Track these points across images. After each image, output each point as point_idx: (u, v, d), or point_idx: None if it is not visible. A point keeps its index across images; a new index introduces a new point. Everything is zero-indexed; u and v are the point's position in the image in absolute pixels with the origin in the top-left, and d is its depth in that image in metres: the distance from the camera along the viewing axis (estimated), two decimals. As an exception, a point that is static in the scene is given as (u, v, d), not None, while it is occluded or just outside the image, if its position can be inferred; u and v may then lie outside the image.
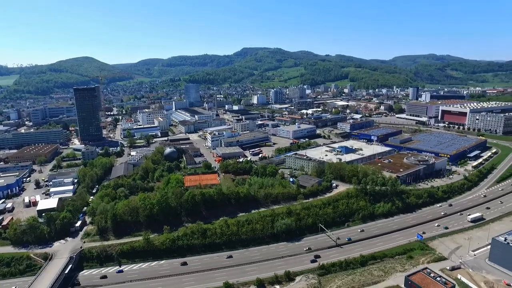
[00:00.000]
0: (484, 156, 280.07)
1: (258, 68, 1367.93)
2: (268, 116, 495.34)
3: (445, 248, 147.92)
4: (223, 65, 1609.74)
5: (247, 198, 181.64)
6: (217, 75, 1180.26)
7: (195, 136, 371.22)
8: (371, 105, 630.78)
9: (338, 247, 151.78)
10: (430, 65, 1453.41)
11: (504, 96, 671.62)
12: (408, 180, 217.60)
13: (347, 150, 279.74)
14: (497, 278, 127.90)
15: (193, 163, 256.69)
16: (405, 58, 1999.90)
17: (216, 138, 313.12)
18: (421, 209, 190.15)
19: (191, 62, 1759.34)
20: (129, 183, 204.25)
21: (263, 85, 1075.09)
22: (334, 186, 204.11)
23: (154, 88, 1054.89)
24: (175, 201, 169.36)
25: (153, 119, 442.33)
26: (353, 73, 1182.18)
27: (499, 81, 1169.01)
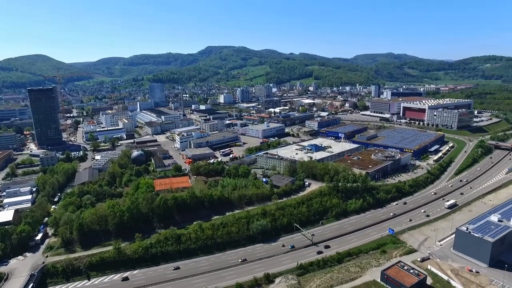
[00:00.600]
0: (443, 150, 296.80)
1: (223, 66, 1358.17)
2: (236, 115, 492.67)
3: (414, 241, 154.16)
4: (187, 63, 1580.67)
5: (221, 200, 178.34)
6: (181, 74, 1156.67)
7: (163, 137, 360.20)
8: (337, 102, 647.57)
9: (314, 245, 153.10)
10: (389, 64, 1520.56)
11: (456, 93, 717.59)
12: (377, 176, 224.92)
13: (317, 148, 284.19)
14: (461, 265, 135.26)
15: (163, 166, 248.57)
16: (365, 56, 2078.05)
17: (185, 139, 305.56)
18: (390, 203, 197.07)
19: (154, 61, 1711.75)
20: (95, 189, 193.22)
21: (229, 84, 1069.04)
22: (307, 185, 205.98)
23: (116, 88, 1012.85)
24: (146, 207, 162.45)
25: (117, 121, 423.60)
26: (317, 71, 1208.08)
27: (450, 79, 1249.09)
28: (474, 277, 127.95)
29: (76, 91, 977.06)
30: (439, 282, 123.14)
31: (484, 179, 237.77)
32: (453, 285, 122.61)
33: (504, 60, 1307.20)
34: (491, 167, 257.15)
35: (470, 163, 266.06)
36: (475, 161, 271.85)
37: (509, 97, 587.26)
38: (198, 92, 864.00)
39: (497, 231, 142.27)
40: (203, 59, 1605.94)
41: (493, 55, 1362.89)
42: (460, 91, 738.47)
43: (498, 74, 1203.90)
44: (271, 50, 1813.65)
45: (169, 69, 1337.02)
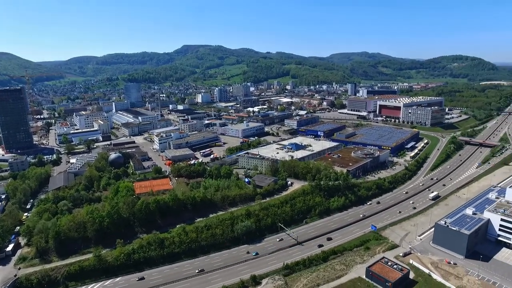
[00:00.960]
0: (418, 146, 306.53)
1: (200, 65, 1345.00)
2: (215, 115, 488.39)
3: (396, 236, 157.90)
4: (163, 63, 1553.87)
5: (204, 202, 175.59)
6: (157, 74, 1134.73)
7: (141, 138, 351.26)
8: (314, 101, 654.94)
9: (299, 245, 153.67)
10: (363, 62, 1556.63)
11: (427, 91, 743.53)
12: (357, 173, 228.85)
13: (298, 147, 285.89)
14: (440, 258, 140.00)
15: (142, 168, 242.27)
16: (341, 55, 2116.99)
17: (164, 140, 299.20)
18: (371, 200, 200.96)
19: (129, 60, 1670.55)
20: (71, 194, 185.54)
21: (206, 83, 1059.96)
22: (290, 184, 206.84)
23: (89, 88, 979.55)
24: (127, 211, 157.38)
25: (92, 122, 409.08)
26: (294, 70, 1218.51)
27: (421, 77, 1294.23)
28: (452, 269, 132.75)
29: (46, 92, 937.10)
30: (421, 276, 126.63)
31: (457, 173, 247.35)
32: (434, 277, 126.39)
33: (470, 59, 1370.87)
34: (459, 165, 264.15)
35: (444, 159, 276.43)
36: (449, 157, 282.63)
37: (475, 95, 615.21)
38: (175, 92, 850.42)
39: (472, 223, 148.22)
40: (179, 58, 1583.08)
41: (459, 55, 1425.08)
42: (432, 89, 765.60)
43: (465, 73, 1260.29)
44: (248, 49, 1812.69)
45: (145, 68, 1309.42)
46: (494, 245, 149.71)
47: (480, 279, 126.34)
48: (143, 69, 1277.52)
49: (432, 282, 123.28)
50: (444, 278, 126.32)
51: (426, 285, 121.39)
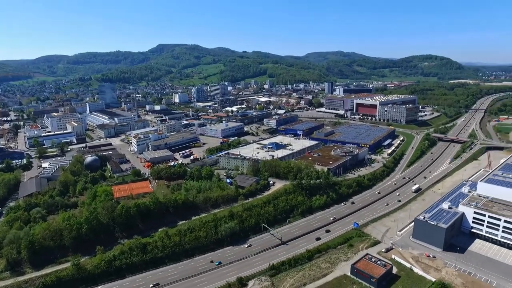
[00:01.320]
0: (395, 144, 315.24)
1: (176, 65, 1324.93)
2: (193, 115, 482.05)
3: (377, 232, 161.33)
4: (138, 62, 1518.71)
5: (186, 204, 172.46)
6: (132, 73, 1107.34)
7: (117, 140, 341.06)
8: (292, 100, 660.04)
9: (284, 244, 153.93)
10: (339, 61, 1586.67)
11: (401, 90, 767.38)
12: (338, 171, 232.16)
13: (278, 146, 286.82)
14: (420, 252, 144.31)
15: (120, 171, 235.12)
16: (317, 54, 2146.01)
17: (142, 142, 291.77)
18: (352, 198, 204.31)
19: (102, 59, 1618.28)
20: (45, 201, 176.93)
21: (183, 83, 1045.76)
22: (271, 184, 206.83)
23: (60, 88, 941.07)
24: (106, 216, 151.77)
25: (65, 124, 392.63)
26: (271, 69, 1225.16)
27: (394, 76, 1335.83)
28: (432, 262, 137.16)
29: (12, 92, 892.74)
30: (403, 270, 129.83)
31: (432, 169, 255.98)
32: (415, 271, 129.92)
33: (439, 59, 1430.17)
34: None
35: (419, 155, 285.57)
36: (423, 153, 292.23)
37: (445, 93, 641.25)
38: (151, 92, 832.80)
39: (448, 217, 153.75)
40: (154, 57, 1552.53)
41: (429, 55, 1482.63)
42: (405, 88, 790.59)
43: (435, 72, 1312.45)
44: (224, 48, 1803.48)
45: (119, 68, 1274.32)
46: (468, 237, 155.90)
47: (457, 270, 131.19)
48: (118, 68, 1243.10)
49: (413, 276, 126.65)
50: (425, 271, 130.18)
51: (408, 279, 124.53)
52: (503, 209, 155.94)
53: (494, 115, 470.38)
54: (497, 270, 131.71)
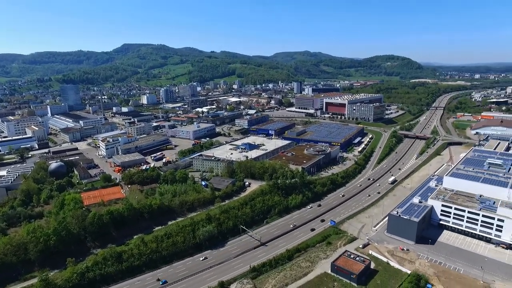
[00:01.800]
0: (364, 141, 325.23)
1: (143, 65, 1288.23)
2: (163, 116, 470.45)
3: (354, 229, 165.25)
4: (102, 62, 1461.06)
5: (162, 209, 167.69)
6: (96, 74, 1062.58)
7: (84, 144, 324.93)
8: (262, 100, 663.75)
9: (263, 245, 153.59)
10: (306, 61, 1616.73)
11: (367, 88, 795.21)
12: (312, 170, 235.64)
13: (251, 147, 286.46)
14: (395, 246, 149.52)
15: (88, 177, 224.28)
16: (284, 54, 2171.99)
17: (111, 145, 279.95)
18: (327, 196, 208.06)
19: (62, 59, 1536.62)
20: (5, 212, 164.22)
21: (150, 84, 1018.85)
22: (247, 185, 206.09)
23: (16, 89, 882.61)
24: (77, 226, 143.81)
25: (24, 128, 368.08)
26: (240, 69, 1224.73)
27: (360, 75, 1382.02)
28: (406, 255, 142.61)
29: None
30: (381, 265, 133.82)
31: (401, 165, 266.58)
32: (391, 265, 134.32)
33: (400, 59, 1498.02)
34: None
35: (388, 152, 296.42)
36: (392, 150, 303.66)
37: (408, 92, 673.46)
38: (117, 93, 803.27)
39: (419, 211, 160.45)
40: (119, 57, 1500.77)
41: (391, 55, 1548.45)
42: (370, 87, 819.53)
43: (397, 71, 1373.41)
44: (191, 48, 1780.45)
45: (82, 68, 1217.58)
46: (437, 229, 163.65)
47: (429, 261, 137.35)
48: (80, 69, 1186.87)
49: (390, 270, 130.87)
50: (400, 264, 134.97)
51: (385, 273, 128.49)
52: (467, 201, 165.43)
53: (452, 112, 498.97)
54: (463, 259, 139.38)
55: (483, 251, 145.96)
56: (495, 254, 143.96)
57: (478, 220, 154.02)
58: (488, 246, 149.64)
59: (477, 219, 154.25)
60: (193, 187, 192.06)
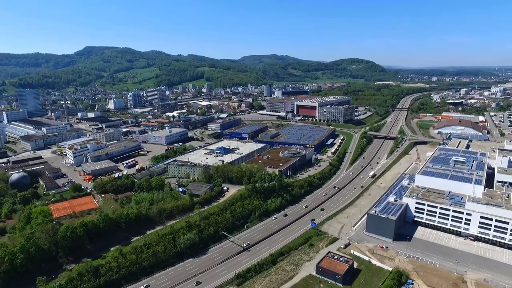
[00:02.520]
0: (337, 143, 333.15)
1: (107, 69, 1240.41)
2: (132, 122, 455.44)
3: (334, 229, 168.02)
4: (62, 66, 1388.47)
5: (139, 218, 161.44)
6: (57, 78, 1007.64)
7: (48, 153, 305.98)
8: (233, 103, 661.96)
9: (246, 251, 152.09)
10: (274, 64, 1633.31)
11: (334, 91, 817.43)
12: (288, 173, 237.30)
13: (226, 151, 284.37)
14: (375, 244, 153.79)
15: (56, 187, 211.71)
16: (252, 57, 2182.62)
17: (79, 153, 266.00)
18: (305, 197, 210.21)
19: (17, 62, 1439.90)
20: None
21: (116, 88, 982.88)
22: (226, 190, 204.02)
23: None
24: (47, 241, 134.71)
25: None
26: (208, 73, 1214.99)
27: (327, 78, 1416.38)
28: (385, 252, 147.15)
29: None
30: (363, 264, 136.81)
31: (373, 165, 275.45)
32: (373, 263, 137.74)
33: (364, 62, 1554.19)
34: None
35: (360, 152, 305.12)
36: (363, 150, 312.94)
37: (374, 94, 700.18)
38: (81, 98, 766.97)
39: (396, 209, 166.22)
40: (82, 60, 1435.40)
41: (356, 58, 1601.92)
42: (338, 89, 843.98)
43: (362, 74, 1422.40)
44: (158, 51, 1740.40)
45: (41, 71, 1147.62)
46: (412, 226, 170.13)
47: (407, 257, 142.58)
48: (38, 72, 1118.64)
49: (372, 268, 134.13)
50: (380, 261, 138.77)
51: (368, 272, 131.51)
52: (438, 197, 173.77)
53: (416, 113, 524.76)
54: (438, 252, 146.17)
55: (454, 244, 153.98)
56: (465, 246, 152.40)
57: (449, 215, 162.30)
58: (459, 239, 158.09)
59: (448, 214, 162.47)
60: (170, 194, 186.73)
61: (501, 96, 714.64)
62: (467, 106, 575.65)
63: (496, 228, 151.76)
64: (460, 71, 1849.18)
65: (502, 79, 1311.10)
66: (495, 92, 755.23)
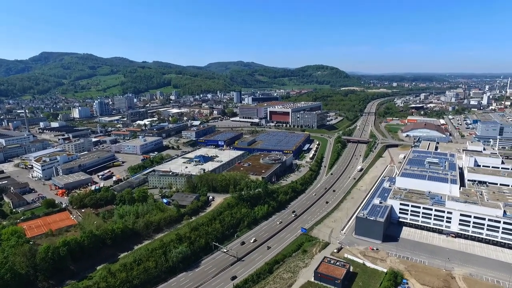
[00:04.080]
0: (313, 148, 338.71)
1: (68, 76, 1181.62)
2: (101, 131, 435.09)
3: (324, 234, 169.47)
4: (16, 72, 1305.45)
5: (125, 233, 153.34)
6: (11, 85, 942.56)
7: (10, 166, 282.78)
8: (204, 110, 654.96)
9: (240, 260, 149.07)
10: (241, 71, 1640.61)
11: (303, 97, 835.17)
12: (272, 179, 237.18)
13: (205, 159, 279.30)
14: (365, 246, 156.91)
15: (24, 204, 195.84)
16: (218, 64, 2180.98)
17: (48, 166, 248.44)
18: (290, 203, 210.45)
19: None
20: None
21: (78, 96, 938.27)
22: (211, 199, 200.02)
23: None
24: (24, 264, 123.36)
25: None
26: (176, 80, 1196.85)
27: (293, 84, 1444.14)
28: (377, 254, 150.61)
29: None
30: (358, 266, 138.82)
31: (351, 169, 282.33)
32: (367, 265, 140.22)
33: (329, 69, 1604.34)
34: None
35: (336, 157, 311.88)
36: (339, 154, 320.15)
37: (343, 99, 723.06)
38: (40, 107, 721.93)
39: (382, 211, 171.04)
40: (39, 67, 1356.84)
41: (321, 65, 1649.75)
42: (306, 95, 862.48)
43: (327, 80, 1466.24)
44: (122, 58, 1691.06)
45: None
46: (397, 226, 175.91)
47: (398, 258, 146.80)
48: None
49: (368, 270, 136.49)
50: (373, 263, 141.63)
51: (364, 274, 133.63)
52: (419, 198, 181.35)
53: (383, 117, 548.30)
54: (424, 251, 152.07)
55: (438, 242, 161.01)
56: (448, 243, 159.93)
57: (431, 214, 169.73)
58: (441, 237, 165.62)
59: (430, 213, 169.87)
60: (156, 206, 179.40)
61: (455, 100, 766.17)
62: (428, 110, 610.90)
63: (474, 225, 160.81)
64: (416, 77, 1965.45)
65: (453, 84, 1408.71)
66: (450, 96, 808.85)
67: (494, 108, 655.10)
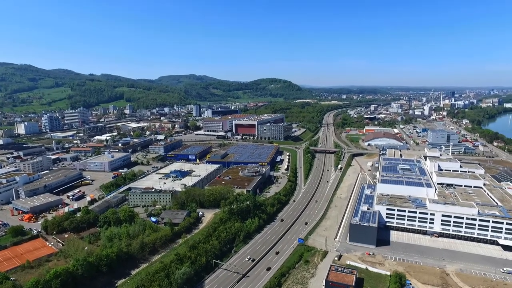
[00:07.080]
0: (285, 159, 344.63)
1: (3, 88, 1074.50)
2: (58, 148, 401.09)
3: (320, 243, 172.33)
4: None
5: (120, 258, 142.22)
6: None
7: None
8: (166, 124, 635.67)
9: (245, 277, 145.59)
10: (195, 84, 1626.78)
11: (261, 109, 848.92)
12: (257, 192, 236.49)
13: (182, 174, 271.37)
14: (362, 252, 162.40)
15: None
16: (170, 77, 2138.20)
17: (6, 188, 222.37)
18: (277, 215, 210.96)
19: None
20: None
21: (18, 110, 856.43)
22: (201, 215, 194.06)
23: None
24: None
25: None
26: (128, 93, 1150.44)
27: (248, 97, 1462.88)
28: (374, 258, 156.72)
29: None
30: (362, 272, 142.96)
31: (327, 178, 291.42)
32: (370, 270, 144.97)
33: (282, 82, 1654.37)
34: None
35: (309, 167, 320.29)
36: (311, 165, 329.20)
37: (301, 111, 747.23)
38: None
39: (373, 217, 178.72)
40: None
41: (274, 78, 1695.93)
42: (264, 107, 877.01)
43: (280, 93, 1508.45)
44: (66, 70, 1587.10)
45: None
46: (385, 231, 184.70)
47: (395, 260, 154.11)
48: None
49: (372, 275, 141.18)
50: (374, 267, 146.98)
51: (370, 279, 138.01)
52: (402, 202, 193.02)
53: (341, 128, 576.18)
54: (415, 252, 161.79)
55: (425, 242, 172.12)
56: (433, 243, 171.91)
57: (416, 217, 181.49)
58: (426, 237, 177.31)
59: (415, 216, 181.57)
60: (149, 226, 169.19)
61: (401, 111, 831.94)
62: (380, 120, 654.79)
63: (454, 224, 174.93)
64: (362, 89, 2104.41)
65: (395, 96, 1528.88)
66: (396, 108, 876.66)
67: (435, 118, 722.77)
